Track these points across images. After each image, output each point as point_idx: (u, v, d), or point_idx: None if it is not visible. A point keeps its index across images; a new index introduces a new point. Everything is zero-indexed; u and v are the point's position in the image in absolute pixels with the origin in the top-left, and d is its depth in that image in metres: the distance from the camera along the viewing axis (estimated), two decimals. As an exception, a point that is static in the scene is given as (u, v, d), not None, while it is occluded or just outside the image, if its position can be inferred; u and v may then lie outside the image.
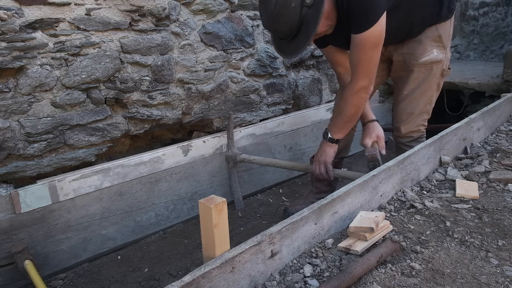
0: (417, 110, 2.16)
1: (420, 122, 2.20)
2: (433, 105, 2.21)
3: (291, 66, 3.06)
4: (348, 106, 1.92)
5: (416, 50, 2.06)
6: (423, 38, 2.05)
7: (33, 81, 1.91)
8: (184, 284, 0.98)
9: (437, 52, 2.06)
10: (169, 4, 2.26)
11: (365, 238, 1.32)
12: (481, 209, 1.57)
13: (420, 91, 2.13)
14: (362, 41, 1.70)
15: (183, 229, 2.45)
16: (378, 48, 1.74)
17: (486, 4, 5.57)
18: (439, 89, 2.18)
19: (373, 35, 1.68)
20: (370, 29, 1.66)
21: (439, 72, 2.11)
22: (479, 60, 5.46)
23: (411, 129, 2.20)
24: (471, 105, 3.92)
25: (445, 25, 2.05)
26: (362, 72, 1.79)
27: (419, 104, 2.15)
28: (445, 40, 2.07)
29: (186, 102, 2.47)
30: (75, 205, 2.05)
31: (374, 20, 1.65)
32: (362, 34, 1.68)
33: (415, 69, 2.10)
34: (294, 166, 2.42)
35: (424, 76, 2.10)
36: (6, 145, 1.90)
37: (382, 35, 1.71)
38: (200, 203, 1.13)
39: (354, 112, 1.94)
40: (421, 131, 2.23)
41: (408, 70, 2.12)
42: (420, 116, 2.18)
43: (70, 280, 2.01)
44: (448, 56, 2.13)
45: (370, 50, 1.72)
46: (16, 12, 1.81)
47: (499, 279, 1.17)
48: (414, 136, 2.22)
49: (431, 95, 2.15)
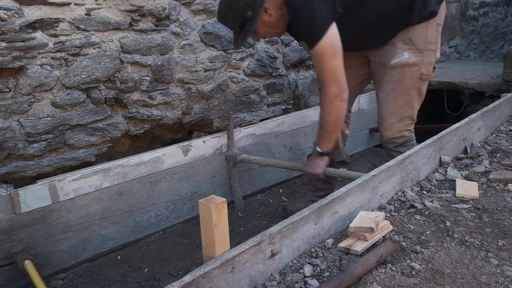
0: (395, 115, 2.14)
1: (403, 127, 2.17)
2: (415, 110, 2.16)
3: (291, 66, 3.06)
4: (327, 116, 1.97)
5: (388, 52, 2.07)
6: (396, 40, 2.05)
7: (33, 81, 1.91)
8: (184, 284, 0.98)
9: (409, 55, 2.03)
10: (169, 4, 2.26)
11: (365, 238, 1.32)
12: (481, 209, 1.57)
13: (395, 95, 2.11)
14: (318, 54, 1.81)
15: (183, 229, 2.45)
16: (336, 57, 1.83)
17: (486, 4, 5.57)
18: (421, 93, 2.14)
19: (326, 46, 1.79)
20: (320, 41, 1.77)
21: (416, 75, 2.07)
22: (479, 60, 5.46)
23: (393, 135, 2.18)
24: (471, 105, 3.93)
25: (418, 28, 2.01)
26: (329, 81, 1.86)
27: (395, 108, 2.13)
28: (418, 43, 2.02)
29: (186, 102, 2.47)
30: (75, 205, 2.05)
31: (321, 32, 1.77)
32: (316, 47, 1.80)
33: (387, 71, 2.09)
34: (294, 166, 2.42)
35: (397, 79, 2.08)
36: (6, 145, 1.90)
37: (335, 44, 1.81)
38: (200, 203, 1.13)
39: (334, 121, 1.98)
40: (406, 136, 2.19)
41: (382, 72, 2.12)
42: (402, 122, 2.15)
43: (70, 280, 2.01)
44: (430, 60, 2.08)
45: (329, 60, 1.82)
46: (16, 12, 1.81)
47: (499, 279, 1.17)
48: (398, 141, 2.20)
49: (409, 99, 2.11)
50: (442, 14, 2.08)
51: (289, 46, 3.00)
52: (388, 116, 2.16)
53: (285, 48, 2.98)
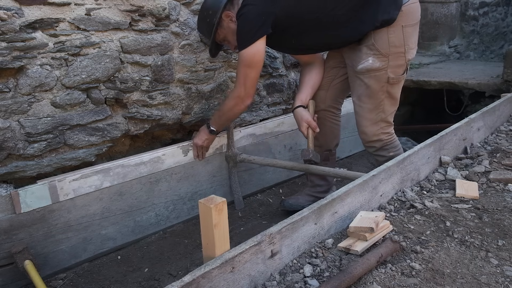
0: (367, 119, 2.15)
1: (378, 131, 2.15)
2: (387, 113, 2.15)
3: (291, 66, 3.06)
4: (225, 105, 2.22)
5: (355, 57, 2.10)
6: (362, 45, 2.07)
7: (33, 81, 1.91)
8: (184, 284, 0.98)
9: (373, 60, 2.03)
10: (169, 4, 2.26)
11: (365, 238, 1.32)
12: (481, 209, 1.57)
13: (365, 99, 2.12)
14: (239, 58, 2.04)
15: (183, 229, 2.45)
16: (251, 67, 2.02)
17: (486, 4, 5.57)
18: (392, 96, 2.12)
19: (246, 55, 1.99)
20: (243, 50, 1.99)
21: (383, 80, 2.06)
22: (479, 60, 5.46)
23: (369, 139, 2.19)
24: (471, 105, 3.93)
25: (380, 33, 2.01)
26: (239, 83, 2.09)
27: (365, 112, 2.14)
28: (381, 48, 2.01)
29: (186, 102, 2.48)
30: (75, 205, 2.05)
31: (246, 43, 1.97)
32: (240, 53, 2.02)
33: (356, 76, 2.12)
34: (294, 166, 2.42)
35: (365, 84, 2.09)
36: (6, 145, 1.90)
37: (254, 58, 2.00)
38: (200, 203, 1.13)
39: (227, 112, 2.22)
40: (383, 139, 2.17)
41: (353, 76, 2.16)
42: (375, 125, 2.15)
43: (70, 280, 2.01)
44: (398, 63, 2.05)
45: (244, 67, 2.03)
46: (16, 12, 1.81)
47: (499, 279, 1.17)
48: (376, 146, 2.19)
49: (378, 103, 2.11)
50: (410, 15, 2.03)
51: (289, 46, 3.00)
52: (361, 120, 2.18)
53: (285, 48, 2.98)
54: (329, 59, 2.35)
